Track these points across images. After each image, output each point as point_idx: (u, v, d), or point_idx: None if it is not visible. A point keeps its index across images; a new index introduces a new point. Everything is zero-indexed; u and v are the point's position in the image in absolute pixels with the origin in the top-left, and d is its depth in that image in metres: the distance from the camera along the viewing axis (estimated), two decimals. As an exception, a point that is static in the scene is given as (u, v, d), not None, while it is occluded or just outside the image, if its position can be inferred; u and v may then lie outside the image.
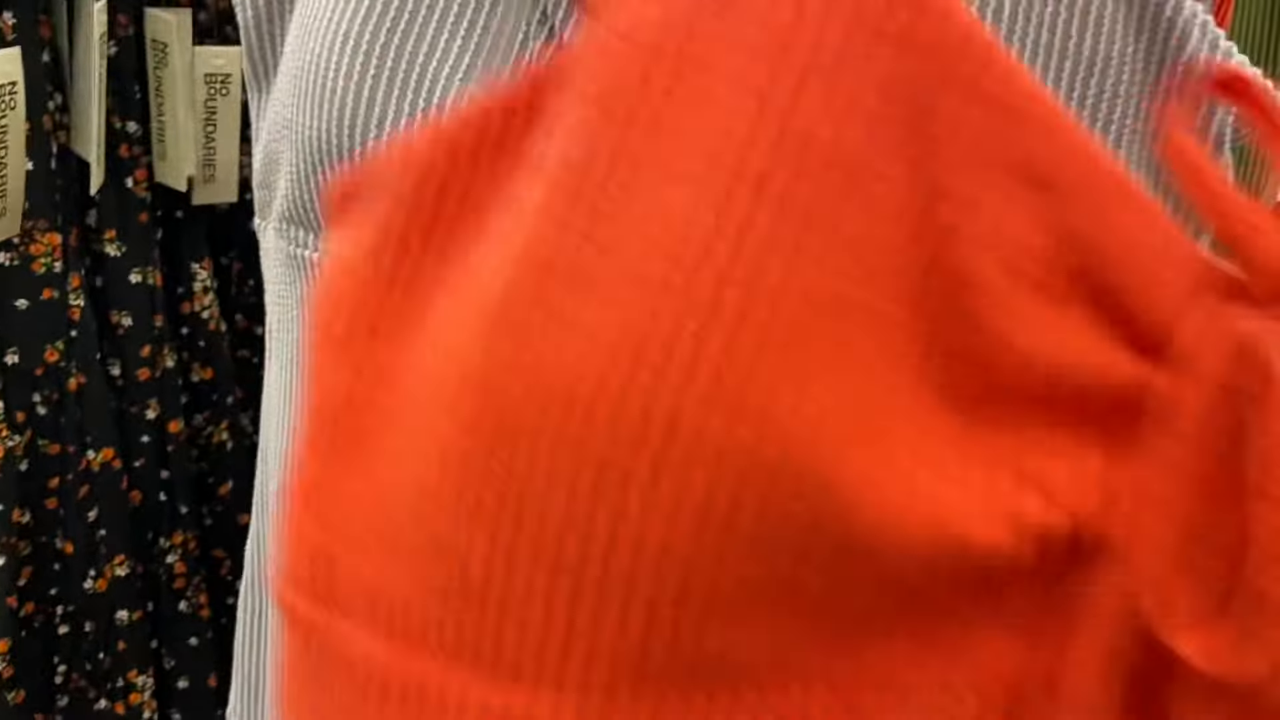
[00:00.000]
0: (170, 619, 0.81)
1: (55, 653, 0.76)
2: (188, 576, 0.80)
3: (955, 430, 0.23)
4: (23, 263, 0.66)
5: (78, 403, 0.71)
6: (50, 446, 0.71)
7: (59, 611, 0.75)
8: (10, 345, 0.67)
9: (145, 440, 0.75)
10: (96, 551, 0.75)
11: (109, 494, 0.74)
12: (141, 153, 0.72)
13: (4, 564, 0.69)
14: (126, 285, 0.72)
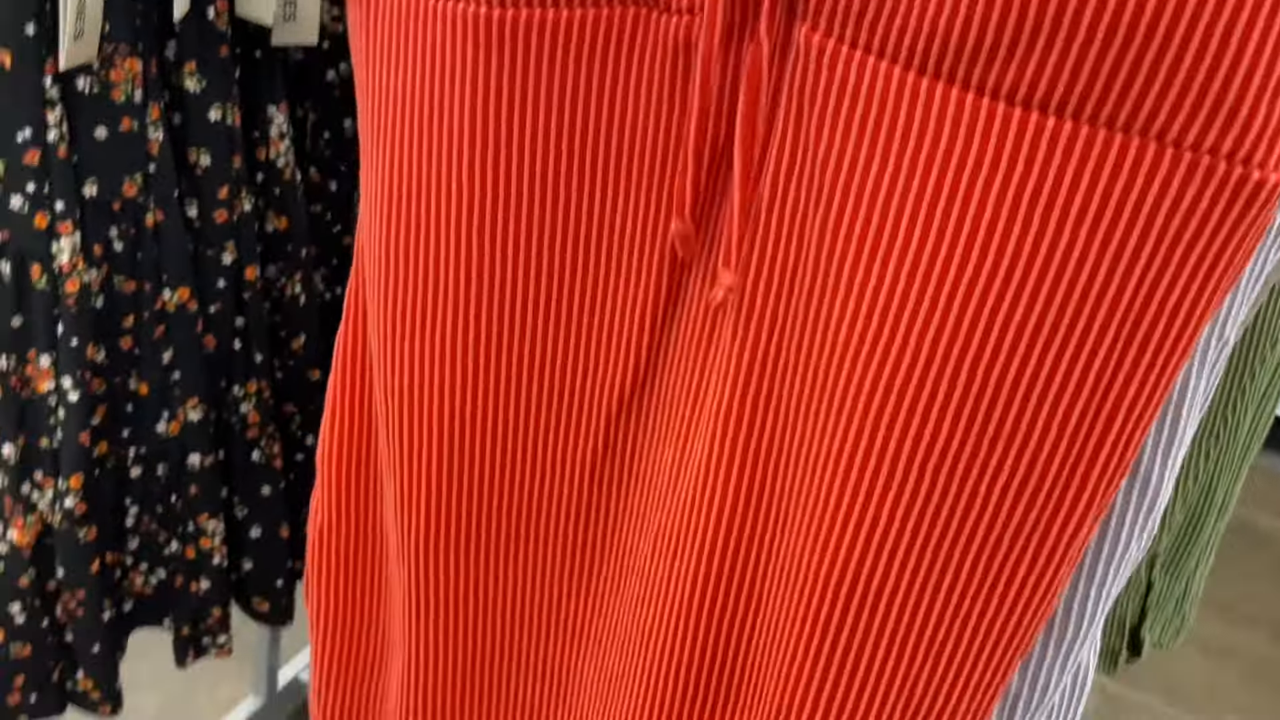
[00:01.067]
0: (243, 467, 0.80)
1: (127, 494, 0.77)
2: (261, 426, 0.79)
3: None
4: (102, 89, 0.64)
5: (155, 239, 0.69)
6: (126, 284, 0.70)
7: (131, 453, 0.75)
8: (89, 176, 0.66)
9: (221, 285, 0.74)
10: (170, 394, 0.74)
11: (183, 336, 0.73)
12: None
13: (78, 400, 0.68)
14: (205, 122, 0.70)
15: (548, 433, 0.51)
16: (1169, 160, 0.35)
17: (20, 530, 0.71)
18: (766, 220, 0.42)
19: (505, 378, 0.50)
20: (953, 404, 0.40)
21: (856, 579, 0.44)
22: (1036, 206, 0.37)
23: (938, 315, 0.39)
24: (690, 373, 0.47)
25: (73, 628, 0.76)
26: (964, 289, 0.39)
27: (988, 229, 0.38)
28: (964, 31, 0.35)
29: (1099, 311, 0.38)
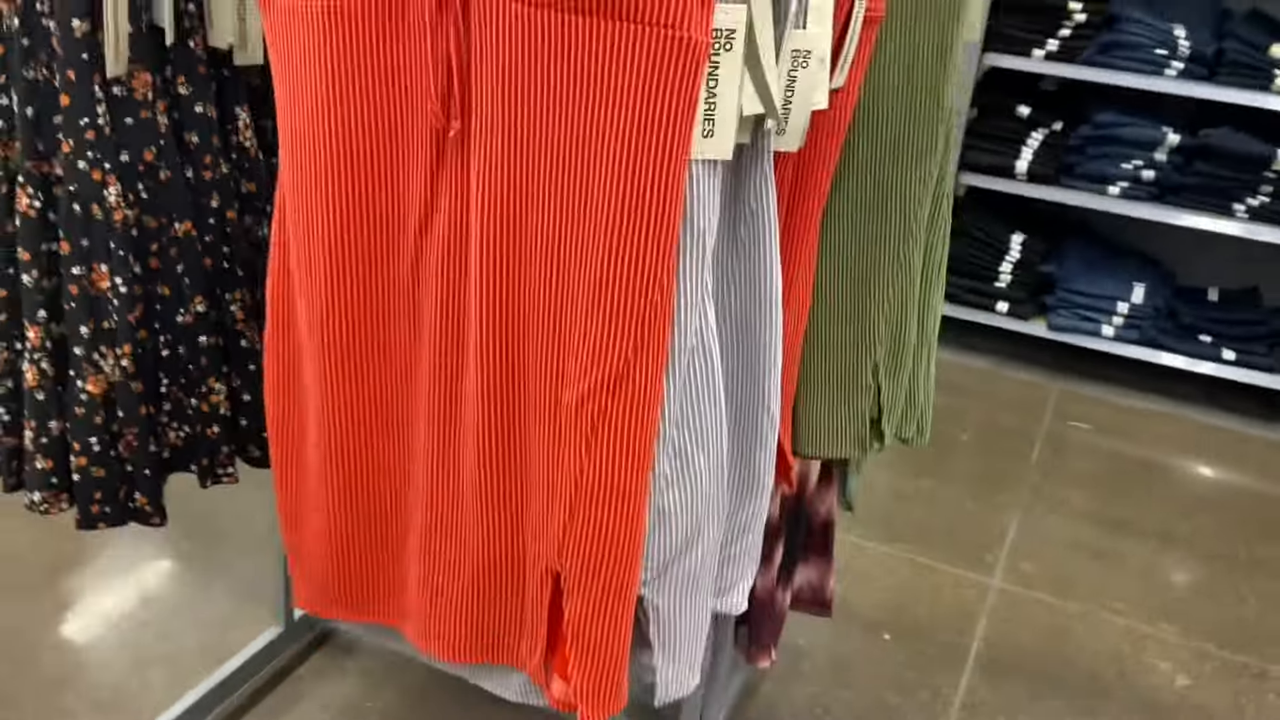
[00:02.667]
0: (235, 350, 1.19)
1: (160, 368, 1.15)
2: (245, 321, 1.18)
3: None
4: (129, 93, 1.04)
5: (166, 189, 1.09)
6: (150, 220, 1.09)
7: (161, 339, 1.14)
8: (123, 148, 1.05)
9: (212, 222, 1.13)
10: (184, 295, 1.13)
11: (189, 255, 1.12)
12: (198, 25, 1.09)
13: (126, 293, 1.07)
14: (193, 114, 1.10)
15: (387, 243, 0.90)
16: (635, 30, 0.74)
17: (94, 384, 1.09)
18: (470, 92, 0.81)
19: (360, 211, 0.89)
20: (563, 199, 0.79)
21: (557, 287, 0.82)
22: (580, 62, 0.76)
23: (552, 150, 0.78)
24: (455, 209, 0.86)
25: (130, 459, 1.14)
26: (548, 122, 0.78)
27: (568, 87, 0.77)
28: None
29: (627, 131, 0.77)
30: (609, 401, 0.83)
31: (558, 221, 0.80)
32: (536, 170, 0.80)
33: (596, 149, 0.77)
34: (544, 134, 0.78)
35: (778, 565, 1.71)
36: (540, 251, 0.82)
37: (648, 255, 0.80)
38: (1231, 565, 2.51)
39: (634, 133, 0.76)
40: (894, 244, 1.18)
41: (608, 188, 0.78)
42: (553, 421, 0.87)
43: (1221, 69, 2.98)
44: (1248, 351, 3.18)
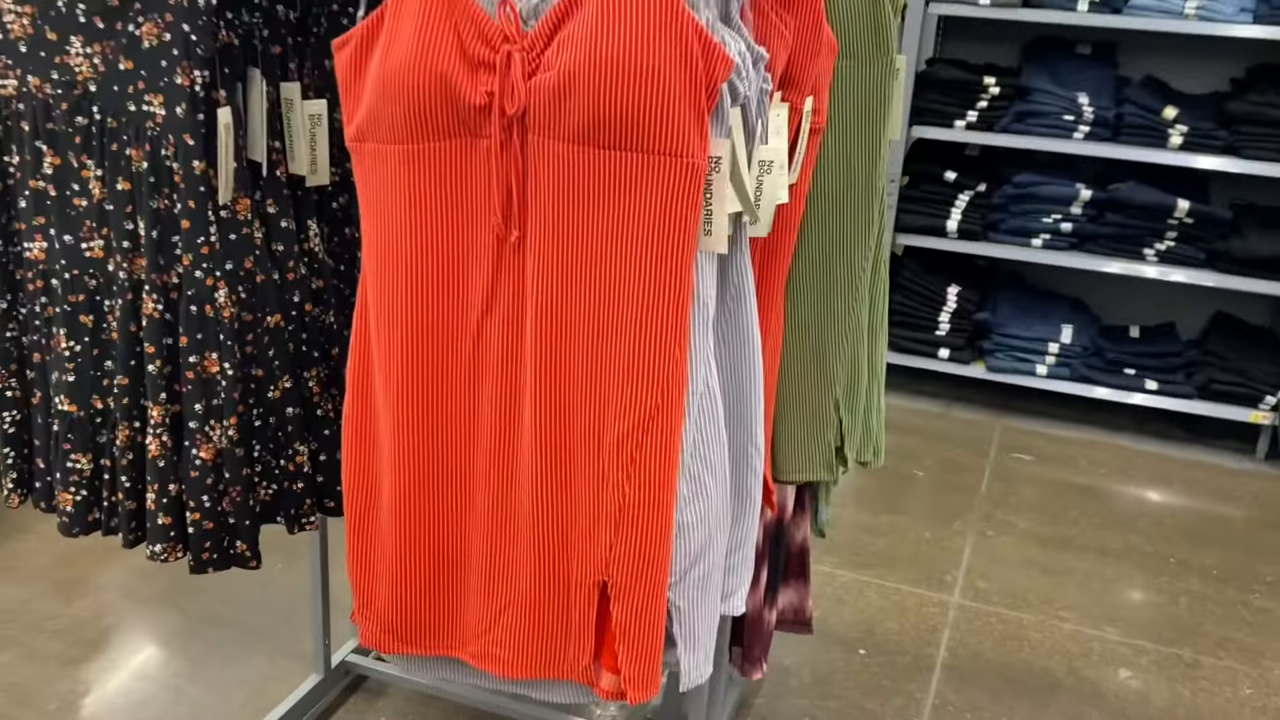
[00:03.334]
0: (313, 419, 1.44)
1: (254, 436, 1.40)
2: (320, 393, 1.43)
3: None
4: (233, 215, 1.30)
5: (261, 290, 1.34)
6: (248, 315, 1.35)
7: (255, 411, 1.39)
8: (229, 259, 1.31)
9: (294, 314, 1.39)
10: (274, 374, 1.38)
11: (278, 342, 1.37)
12: (281, 158, 1.36)
13: (232, 375, 1.32)
14: (279, 228, 1.36)
15: (453, 327, 1.16)
16: (652, 160, 1.02)
17: (206, 451, 1.34)
18: (526, 209, 1.08)
19: (432, 302, 1.15)
20: (601, 287, 1.06)
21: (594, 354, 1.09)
22: (611, 186, 1.03)
23: (592, 251, 1.05)
24: (513, 298, 1.12)
25: (233, 513, 1.38)
26: (594, 232, 1.05)
27: (601, 205, 1.04)
28: (576, 123, 1.02)
29: (648, 236, 1.04)
30: (643, 438, 1.09)
31: (596, 304, 1.07)
32: (579, 266, 1.07)
33: (626, 249, 1.04)
34: (584, 239, 1.06)
35: (764, 586, 1.97)
36: (582, 327, 1.09)
37: (668, 326, 1.07)
38: (1163, 571, 2.80)
39: (654, 236, 1.04)
40: (844, 302, 1.47)
41: (636, 278, 1.05)
42: (597, 460, 1.12)
43: (1123, 130, 3.35)
44: (1169, 381, 3.51)
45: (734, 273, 1.21)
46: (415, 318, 1.16)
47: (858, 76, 1.38)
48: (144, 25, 1.22)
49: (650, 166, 1.02)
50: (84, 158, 1.30)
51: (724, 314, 1.21)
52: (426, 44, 1.05)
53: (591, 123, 1.02)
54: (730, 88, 1.06)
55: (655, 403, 1.08)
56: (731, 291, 1.22)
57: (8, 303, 1.42)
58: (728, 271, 1.20)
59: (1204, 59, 3.55)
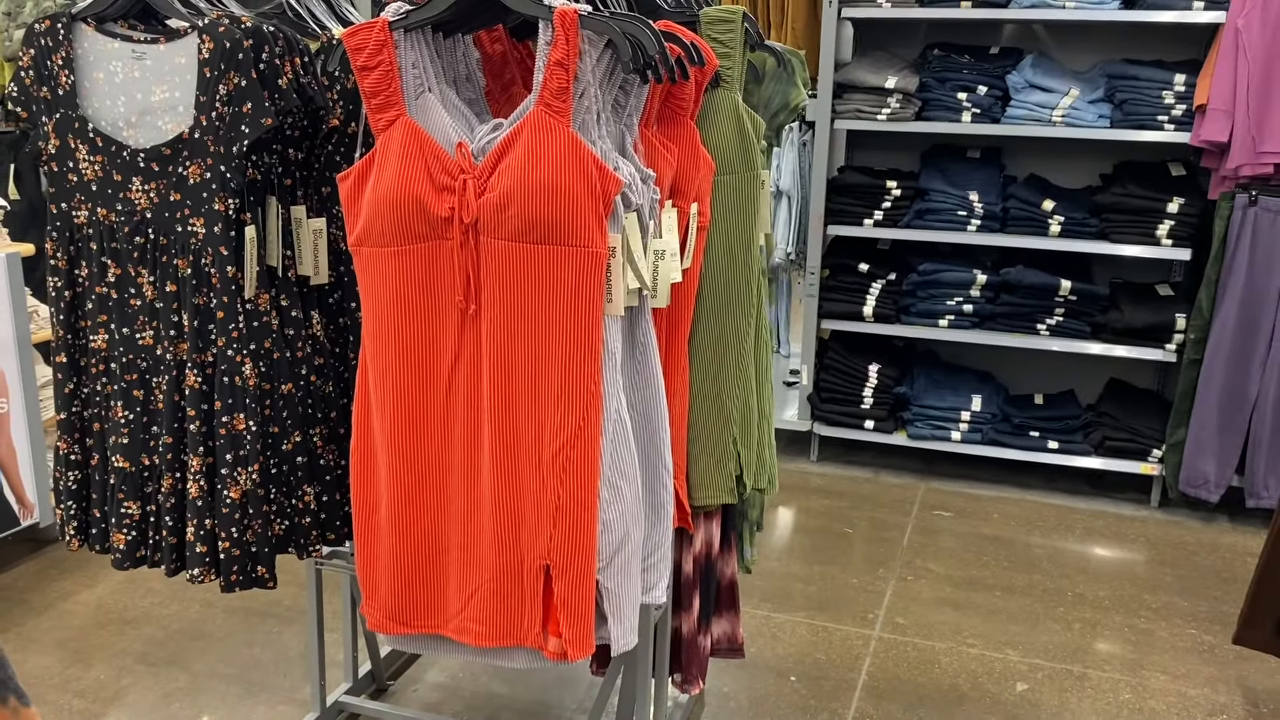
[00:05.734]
0: (317, 467, 1.81)
1: (270, 481, 1.77)
2: (323, 446, 1.81)
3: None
4: (255, 307, 1.70)
5: (276, 365, 1.73)
6: (266, 385, 1.73)
7: (272, 461, 1.76)
8: (252, 341, 1.70)
9: (302, 384, 1.78)
10: (286, 431, 1.76)
11: (289, 406, 1.76)
12: (291, 263, 1.76)
13: (255, 431, 1.70)
14: (290, 317, 1.75)
15: (430, 377, 1.55)
16: (567, 251, 1.43)
17: (235, 492, 1.71)
18: (480, 288, 1.49)
19: (414, 359, 1.54)
20: (535, 341, 1.47)
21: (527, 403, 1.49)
22: (539, 269, 1.44)
23: (528, 316, 1.46)
24: (473, 353, 1.52)
25: (255, 543, 1.74)
26: (527, 311, 1.46)
27: (533, 283, 1.45)
28: (513, 228, 1.43)
29: (566, 303, 1.45)
30: (571, 453, 1.48)
31: (533, 355, 1.47)
32: (519, 328, 1.47)
33: (552, 313, 1.45)
34: (523, 308, 1.46)
35: (697, 613, 2.33)
36: (524, 372, 1.49)
37: (585, 368, 1.46)
38: (1059, 603, 3.17)
39: (571, 303, 1.44)
40: (734, 357, 1.87)
41: (560, 334, 1.45)
42: (538, 469, 1.51)
43: (1009, 222, 3.84)
44: (1069, 441, 3.93)
45: (640, 333, 1.61)
46: (402, 372, 1.55)
47: (732, 187, 1.82)
48: (190, 167, 1.64)
49: (566, 255, 1.43)
50: (140, 268, 1.70)
51: (633, 364, 1.61)
52: (405, 175, 1.46)
53: (523, 226, 1.43)
54: (622, 198, 1.48)
55: (578, 425, 1.47)
56: (639, 347, 1.62)
57: (74, 384, 1.80)
58: (635, 332, 1.61)
59: (1076, 158, 4.08)
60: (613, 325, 1.51)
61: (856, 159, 4.30)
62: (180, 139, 1.64)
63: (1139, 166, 3.87)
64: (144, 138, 1.67)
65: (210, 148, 1.62)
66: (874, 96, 3.86)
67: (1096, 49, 3.98)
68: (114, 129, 1.68)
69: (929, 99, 3.83)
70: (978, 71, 3.81)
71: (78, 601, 3.07)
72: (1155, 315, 3.73)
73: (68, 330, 1.78)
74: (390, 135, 1.47)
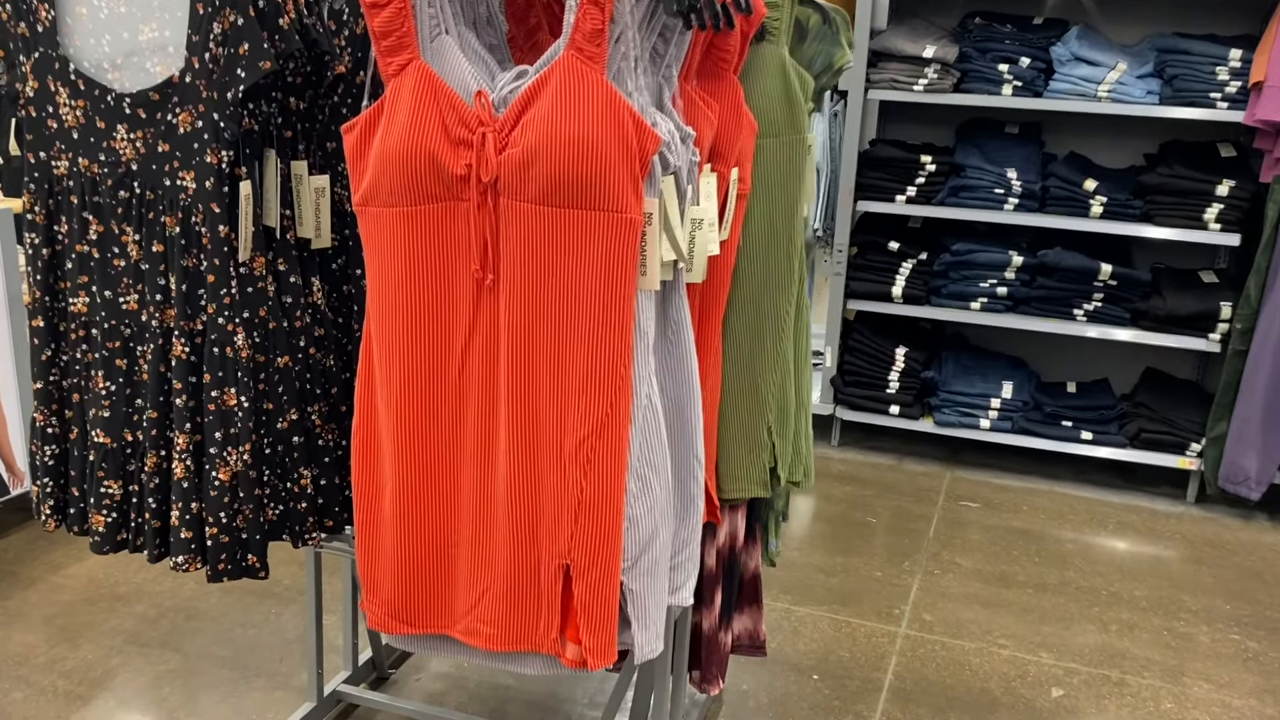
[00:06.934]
0: (315, 447, 1.66)
1: (264, 463, 1.62)
2: (322, 425, 1.66)
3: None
4: (250, 271, 1.54)
5: (272, 335, 1.58)
6: (260, 357, 1.58)
7: (266, 440, 1.61)
8: (245, 308, 1.55)
9: (300, 356, 1.62)
10: (282, 408, 1.60)
11: (286, 380, 1.60)
12: (290, 224, 1.61)
13: (247, 408, 1.55)
14: (288, 283, 1.60)
15: (441, 354, 1.39)
16: (597, 216, 1.27)
17: (224, 473, 1.56)
18: (499, 257, 1.33)
19: (424, 335, 1.39)
20: (560, 318, 1.31)
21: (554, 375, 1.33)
22: (566, 237, 1.29)
23: (552, 289, 1.30)
24: (489, 329, 1.37)
25: (245, 529, 1.59)
26: (555, 275, 1.30)
27: (558, 252, 1.29)
28: (538, 188, 1.27)
29: (596, 276, 1.29)
30: (597, 442, 1.33)
31: (557, 333, 1.31)
32: (542, 302, 1.31)
33: (579, 287, 1.29)
34: (546, 280, 1.30)
35: (719, 609, 2.18)
36: (546, 352, 1.33)
37: (614, 349, 1.31)
38: (1094, 602, 3.02)
39: (600, 276, 1.28)
40: (772, 340, 1.71)
41: (588, 310, 1.29)
42: (559, 461, 1.35)
43: (1049, 202, 3.66)
44: (1103, 432, 3.77)
45: (673, 310, 1.45)
46: (410, 348, 1.39)
47: (776, 152, 1.65)
48: (180, 115, 1.48)
49: (596, 221, 1.27)
50: (124, 225, 1.55)
51: (665, 345, 1.45)
52: (417, 127, 1.30)
53: (549, 187, 1.27)
54: (660, 158, 1.32)
55: (605, 412, 1.32)
56: (671, 325, 1.46)
57: (52, 350, 1.65)
58: (667, 309, 1.45)
59: (1120, 136, 3.89)
60: (645, 301, 1.35)
61: (888, 132, 4.12)
62: (170, 83, 1.48)
63: (1186, 146, 3.68)
64: (130, 81, 1.51)
65: (203, 93, 1.46)
66: (910, 66, 3.68)
67: (1145, 21, 3.79)
68: (98, 71, 1.52)
69: (968, 70, 3.65)
70: (1020, 42, 3.63)
71: (68, 575, 2.94)
72: (1199, 303, 3.56)
73: (45, 292, 1.63)
74: (401, 81, 1.31)
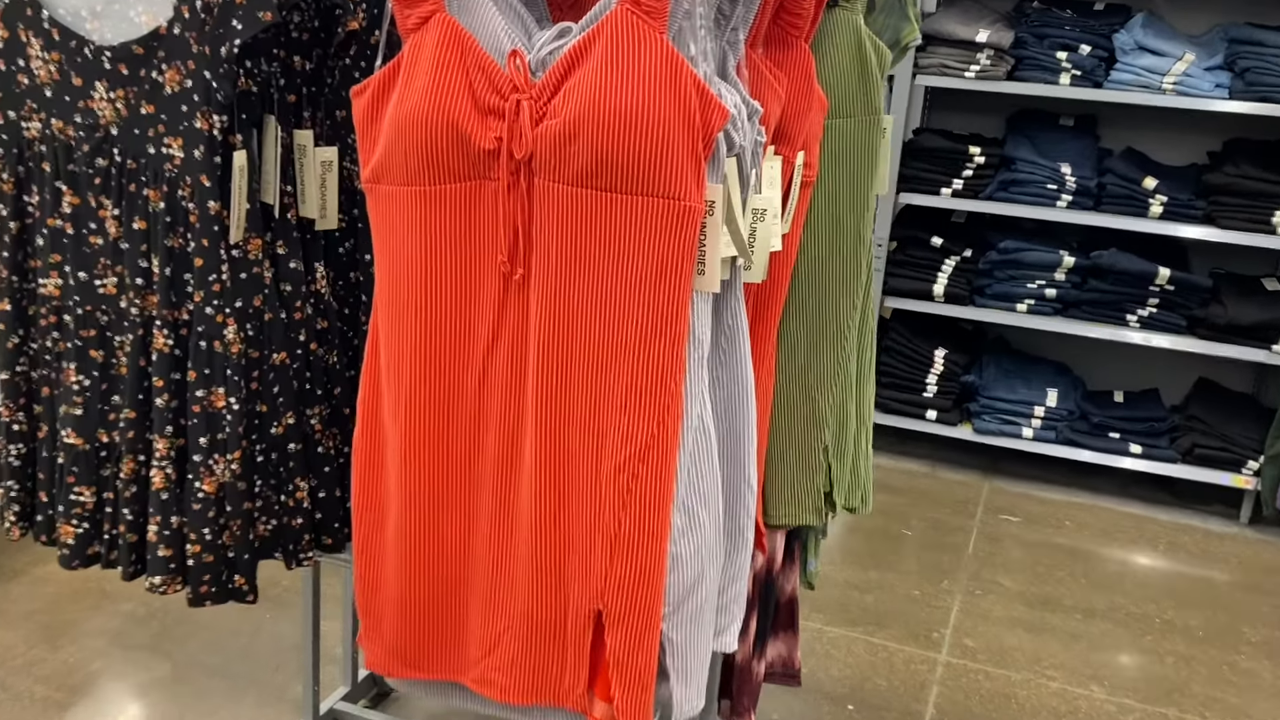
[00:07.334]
0: (314, 455, 1.47)
1: (256, 472, 1.42)
2: (323, 430, 1.47)
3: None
4: (244, 254, 1.35)
5: (268, 328, 1.38)
6: (254, 352, 1.38)
7: (258, 447, 1.42)
8: (238, 297, 1.35)
9: (299, 352, 1.43)
10: (278, 411, 1.41)
11: (283, 379, 1.41)
12: (292, 202, 1.41)
13: (237, 410, 1.36)
14: (288, 269, 1.40)
15: (459, 361, 1.19)
16: (650, 203, 1.07)
17: (209, 484, 1.36)
18: (531, 248, 1.13)
19: (439, 337, 1.19)
20: (601, 323, 1.11)
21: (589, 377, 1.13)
22: (611, 226, 1.08)
23: (593, 288, 1.10)
24: (517, 331, 1.17)
25: (233, 546, 1.40)
26: (597, 270, 1.10)
27: (602, 244, 1.09)
28: (580, 167, 1.07)
29: (646, 274, 1.09)
30: (639, 468, 1.13)
31: (596, 340, 1.12)
32: (580, 304, 1.11)
33: (624, 287, 1.09)
34: (586, 277, 1.10)
35: (753, 637, 1.99)
36: (583, 361, 1.13)
37: (664, 361, 1.11)
38: (1146, 630, 2.82)
39: (651, 275, 1.08)
40: (833, 350, 1.51)
41: (634, 314, 1.09)
42: (594, 489, 1.16)
43: (1104, 200, 3.44)
44: (1152, 446, 3.55)
45: (728, 314, 1.25)
46: (423, 351, 1.20)
47: (847, 134, 1.45)
48: (167, 72, 1.28)
49: (649, 209, 1.07)
50: (102, 198, 1.35)
51: (718, 354, 1.25)
52: (440, 91, 1.10)
53: (594, 167, 1.07)
54: (726, 137, 1.12)
55: (651, 434, 1.12)
56: (725, 333, 1.26)
57: (19, 337, 1.45)
58: (722, 313, 1.25)
59: (1181, 132, 3.66)
60: (702, 305, 1.15)
61: (934, 120, 3.90)
62: (156, 35, 1.28)
63: (1254, 145, 3.46)
64: (111, 32, 1.31)
65: (193, 48, 1.26)
66: (962, 51, 3.46)
67: (1215, 10, 3.55)
68: (75, 19, 1.32)
69: (1023, 57, 3.43)
70: (1081, 29, 3.40)
71: (53, 569, 2.76)
72: (1263, 312, 3.34)
73: (13, 271, 1.43)
74: (422, 37, 1.11)
